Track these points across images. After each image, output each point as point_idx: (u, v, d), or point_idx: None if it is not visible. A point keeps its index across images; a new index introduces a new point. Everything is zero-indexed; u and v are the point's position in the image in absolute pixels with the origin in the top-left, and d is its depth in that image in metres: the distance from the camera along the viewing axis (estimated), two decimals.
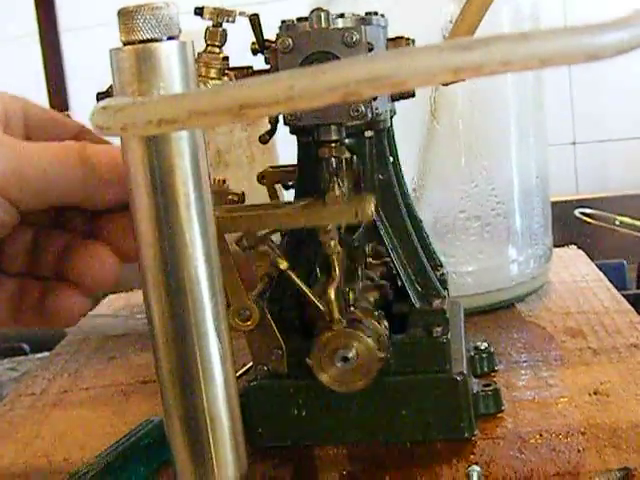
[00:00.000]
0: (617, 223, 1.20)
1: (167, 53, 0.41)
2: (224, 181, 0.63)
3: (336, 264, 0.58)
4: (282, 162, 0.83)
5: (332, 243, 0.57)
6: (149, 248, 0.43)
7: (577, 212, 1.22)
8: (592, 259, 1.08)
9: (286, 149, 0.75)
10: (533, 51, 0.28)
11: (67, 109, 1.51)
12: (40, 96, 1.51)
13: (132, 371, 0.86)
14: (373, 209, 0.55)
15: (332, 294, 0.58)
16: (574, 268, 1.03)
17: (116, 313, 1.01)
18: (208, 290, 0.44)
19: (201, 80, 0.54)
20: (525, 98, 0.91)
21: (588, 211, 1.21)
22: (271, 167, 0.73)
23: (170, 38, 0.41)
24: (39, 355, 1.16)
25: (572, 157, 1.43)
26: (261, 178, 0.71)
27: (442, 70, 0.27)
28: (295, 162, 0.70)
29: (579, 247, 1.12)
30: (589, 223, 1.20)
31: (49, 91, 1.51)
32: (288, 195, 0.73)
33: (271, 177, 0.71)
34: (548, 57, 0.28)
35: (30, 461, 0.68)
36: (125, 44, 0.41)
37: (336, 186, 0.57)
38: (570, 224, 1.19)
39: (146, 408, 0.75)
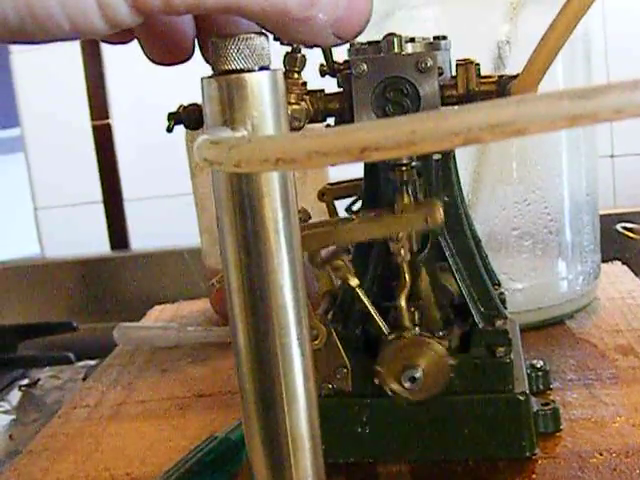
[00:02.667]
0: None
1: (260, 83, 0.42)
2: None
3: (406, 271, 0.59)
4: (332, 180, 0.84)
5: (402, 251, 0.58)
6: (237, 273, 0.44)
7: (619, 227, 1.21)
8: (635, 274, 1.08)
9: (336, 167, 0.76)
10: None
11: (108, 117, 1.52)
12: (81, 104, 1.53)
13: (187, 384, 0.86)
14: (442, 214, 0.56)
15: (403, 301, 0.59)
16: (620, 284, 1.03)
17: (165, 325, 1.02)
18: (294, 315, 0.44)
19: None
20: None
21: (630, 225, 1.21)
22: (330, 184, 0.73)
23: (262, 68, 0.42)
24: (81, 363, 1.17)
25: (610, 170, 1.43)
26: (321, 195, 0.72)
27: (561, 118, 0.28)
28: (350, 178, 0.71)
29: (622, 262, 1.12)
30: (631, 238, 1.20)
31: (90, 99, 1.53)
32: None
33: (331, 194, 0.72)
34: None
35: (92, 475, 0.68)
36: (218, 73, 0.42)
37: (405, 196, 0.58)
38: (610, 238, 1.19)
39: (205, 422, 0.75)
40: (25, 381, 1.12)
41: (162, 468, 0.64)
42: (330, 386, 0.62)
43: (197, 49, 0.47)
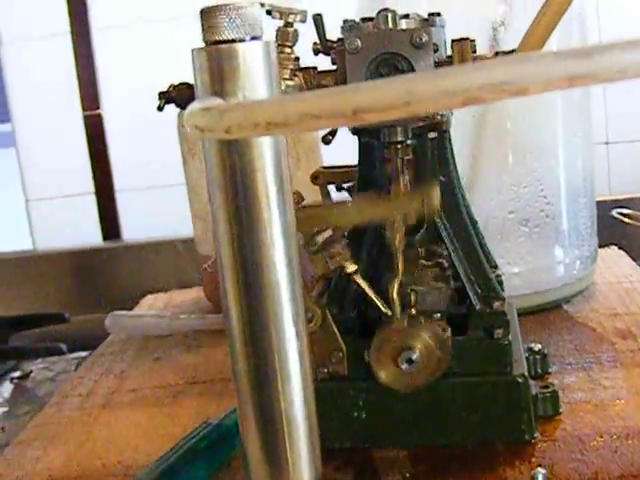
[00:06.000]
0: None
1: (252, 53, 0.41)
2: None
3: (400, 261, 0.58)
4: (325, 163, 0.83)
5: (398, 239, 0.57)
6: (229, 248, 0.43)
7: (615, 212, 1.21)
8: (632, 259, 1.07)
9: (328, 150, 0.75)
10: None
11: (98, 107, 1.51)
12: (72, 95, 1.52)
13: (179, 372, 0.86)
14: (439, 197, 0.55)
15: (394, 291, 0.58)
16: (617, 268, 1.03)
17: (158, 314, 1.01)
18: (288, 292, 0.43)
19: None
20: (571, 100, 0.91)
21: (625, 211, 1.20)
22: (324, 167, 0.72)
23: (253, 38, 0.41)
24: (73, 355, 1.16)
25: (605, 157, 1.42)
26: (314, 178, 0.71)
27: (561, 77, 0.27)
28: (343, 163, 0.70)
29: (619, 248, 1.12)
30: (627, 223, 1.19)
31: (81, 90, 1.51)
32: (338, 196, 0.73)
33: (324, 177, 0.71)
34: None
35: (84, 463, 0.68)
36: (208, 44, 0.41)
37: (401, 180, 0.57)
38: (606, 224, 1.18)
39: (197, 409, 0.75)
40: (17, 373, 1.11)
41: (154, 456, 0.63)
42: (326, 370, 0.61)
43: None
